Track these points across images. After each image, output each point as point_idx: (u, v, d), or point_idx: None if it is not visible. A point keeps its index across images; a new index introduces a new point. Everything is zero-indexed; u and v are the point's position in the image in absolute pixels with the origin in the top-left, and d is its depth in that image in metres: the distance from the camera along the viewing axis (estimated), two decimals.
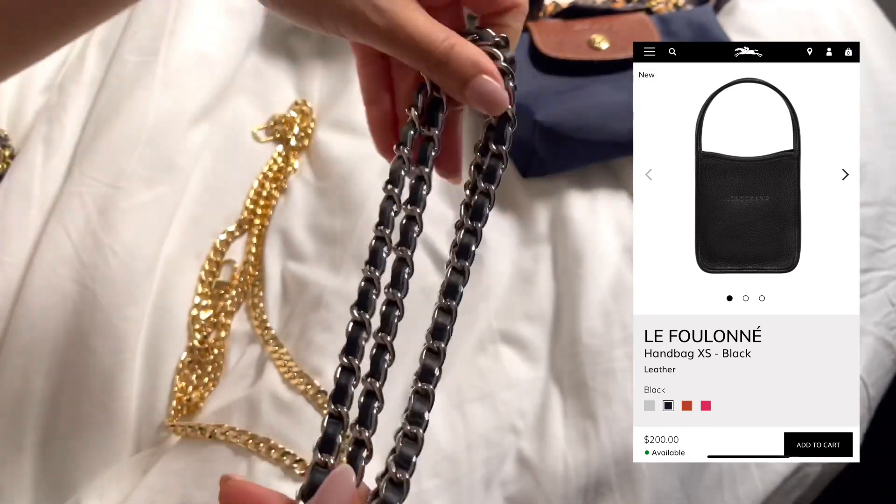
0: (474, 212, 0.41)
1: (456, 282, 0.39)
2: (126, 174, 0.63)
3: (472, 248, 0.40)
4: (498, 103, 0.38)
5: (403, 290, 0.39)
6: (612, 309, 0.63)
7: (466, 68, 0.38)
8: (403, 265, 0.39)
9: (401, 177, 0.41)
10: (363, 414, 0.37)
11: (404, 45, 0.38)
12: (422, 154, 0.41)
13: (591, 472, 0.58)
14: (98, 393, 0.55)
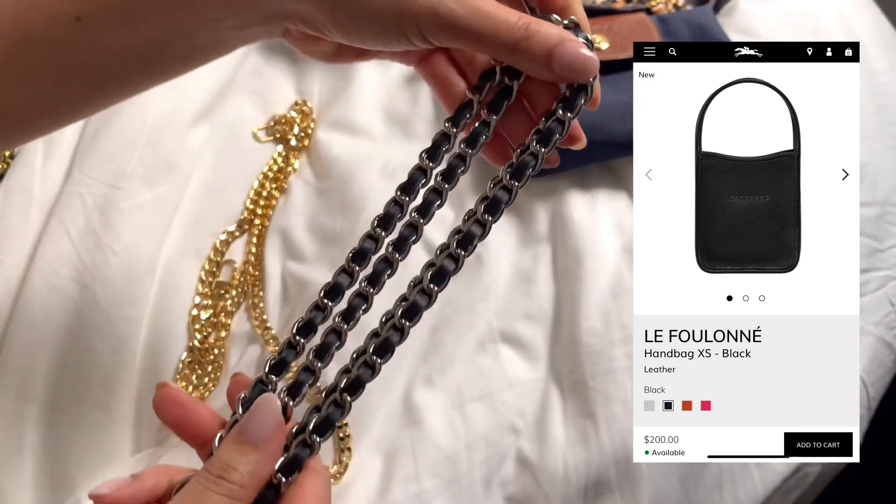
0: (491, 203, 0.40)
1: (448, 268, 0.39)
2: (126, 174, 0.63)
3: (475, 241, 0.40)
4: (587, 66, 0.38)
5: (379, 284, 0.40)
6: (611, 309, 0.63)
7: (550, 39, 0.38)
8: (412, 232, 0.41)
9: (440, 152, 0.41)
10: (322, 347, 0.38)
11: (483, 32, 0.37)
12: (473, 136, 0.41)
13: (591, 472, 0.58)
14: (98, 393, 0.55)
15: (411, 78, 0.76)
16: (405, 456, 0.57)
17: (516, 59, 0.39)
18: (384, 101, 0.75)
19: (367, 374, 0.37)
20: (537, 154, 0.39)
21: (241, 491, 0.34)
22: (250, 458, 0.34)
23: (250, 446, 0.35)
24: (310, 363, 0.38)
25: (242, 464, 0.34)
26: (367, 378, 0.37)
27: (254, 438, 0.35)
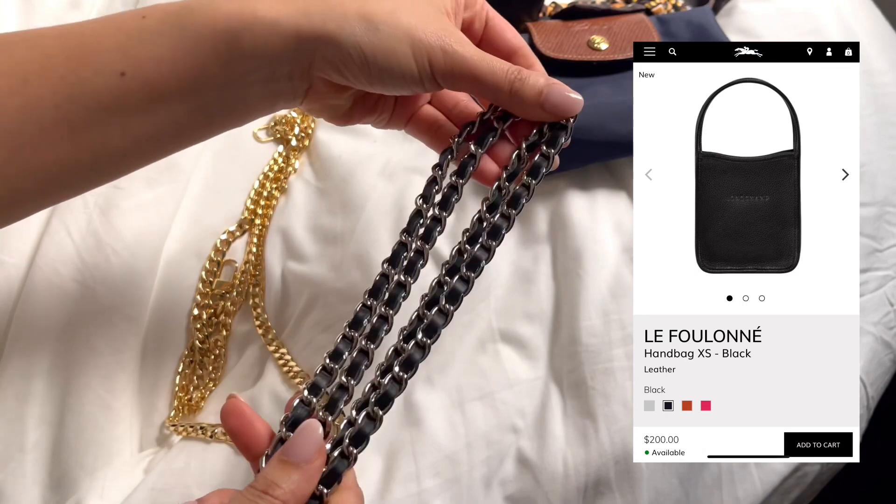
0: (493, 229, 0.45)
1: (460, 289, 0.44)
2: None
3: (482, 263, 0.45)
4: (572, 105, 0.45)
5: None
6: (611, 309, 0.63)
7: (539, 82, 0.44)
8: (419, 257, 0.45)
9: (432, 193, 0.47)
10: (353, 366, 0.42)
11: (484, 73, 0.43)
12: (462, 167, 0.47)
13: (591, 472, 0.58)
14: (99, 392, 0.55)
15: None
16: (405, 455, 0.57)
17: (510, 100, 0.44)
18: None
19: (394, 388, 0.41)
20: (529, 185, 0.45)
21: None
22: (293, 477, 0.38)
23: (293, 466, 0.38)
24: (343, 382, 0.42)
25: (285, 482, 0.38)
26: (395, 393, 0.41)
27: (297, 459, 0.38)
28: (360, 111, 0.49)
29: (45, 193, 0.43)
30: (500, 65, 0.44)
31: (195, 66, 0.41)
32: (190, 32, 0.41)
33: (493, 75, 0.43)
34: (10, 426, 0.54)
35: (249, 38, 0.40)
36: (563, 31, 0.75)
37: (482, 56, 0.43)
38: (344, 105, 0.48)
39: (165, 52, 0.40)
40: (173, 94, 0.41)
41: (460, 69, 0.43)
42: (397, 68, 0.42)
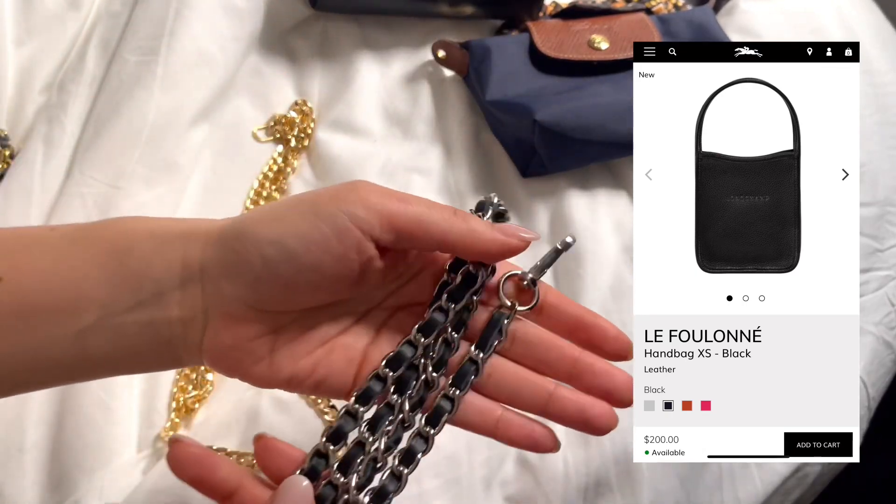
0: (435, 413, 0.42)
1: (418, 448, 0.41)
2: (126, 174, 0.63)
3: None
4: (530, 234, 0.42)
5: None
6: (611, 309, 0.63)
7: (488, 229, 0.40)
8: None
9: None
10: (372, 425, 0.40)
11: (428, 221, 0.38)
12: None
13: (591, 472, 0.58)
14: (98, 393, 0.55)
15: (411, 78, 0.76)
16: None
17: (463, 234, 0.39)
18: (384, 100, 0.75)
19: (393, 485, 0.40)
20: (453, 398, 0.42)
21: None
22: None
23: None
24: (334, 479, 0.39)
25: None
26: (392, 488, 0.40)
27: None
28: (285, 356, 0.38)
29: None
30: (439, 206, 0.39)
31: (75, 279, 0.35)
32: (80, 246, 0.36)
33: (440, 213, 0.38)
34: (8, 427, 0.54)
35: (137, 255, 0.36)
36: (563, 30, 0.75)
37: (420, 200, 0.38)
38: (256, 349, 0.37)
39: (49, 263, 0.35)
40: (48, 310, 0.35)
41: (401, 218, 0.37)
42: (301, 243, 0.35)
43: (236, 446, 0.56)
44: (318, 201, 0.36)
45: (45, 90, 0.70)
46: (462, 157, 0.72)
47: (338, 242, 0.35)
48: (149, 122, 0.65)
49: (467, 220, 0.39)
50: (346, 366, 0.40)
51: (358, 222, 0.35)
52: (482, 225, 0.39)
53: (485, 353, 0.41)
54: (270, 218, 0.36)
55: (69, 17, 0.73)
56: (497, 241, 0.39)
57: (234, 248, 0.35)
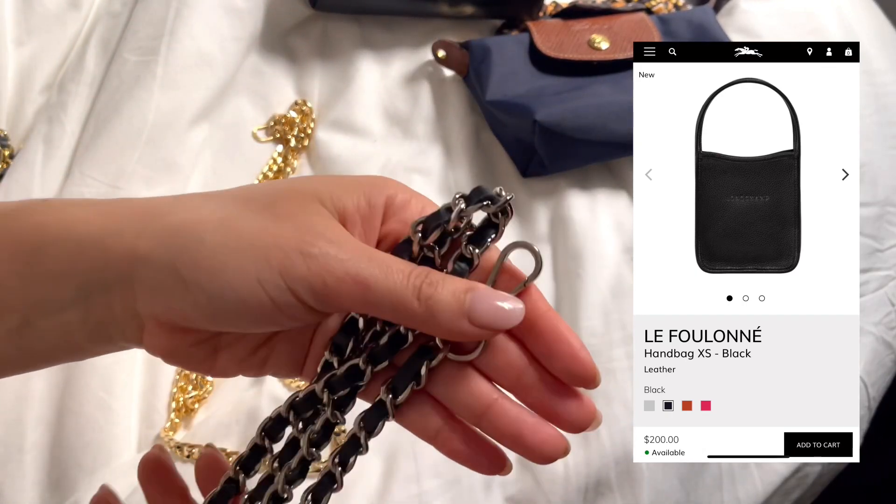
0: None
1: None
2: (126, 174, 0.63)
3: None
4: (507, 315, 0.32)
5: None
6: (611, 309, 0.63)
7: (458, 285, 0.32)
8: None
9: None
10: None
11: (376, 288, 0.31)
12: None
13: (591, 472, 0.58)
14: (98, 393, 0.55)
15: (411, 78, 0.76)
16: (406, 456, 0.57)
17: (420, 314, 0.31)
18: (384, 100, 0.75)
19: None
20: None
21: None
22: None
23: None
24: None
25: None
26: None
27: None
28: (228, 358, 0.35)
29: None
30: (398, 265, 0.31)
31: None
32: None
33: (389, 281, 0.31)
34: (8, 427, 0.54)
35: (52, 255, 0.32)
36: (563, 30, 0.75)
37: (370, 256, 0.31)
38: (196, 352, 0.35)
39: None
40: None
41: (336, 280, 0.30)
42: (232, 293, 0.30)
43: (236, 446, 0.56)
44: (266, 257, 0.31)
45: (45, 90, 0.70)
46: (462, 157, 0.72)
47: (277, 312, 0.31)
48: (149, 122, 0.65)
49: (430, 303, 0.31)
50: (293, 353, 0.36)
51: (302, 298, 0.31)
52: (447, 308, 0.31)
53: (395, 398, 0.34)
54: (207, 266, 0.31)
55: (69, 17, 0.73)
56: (460, 333, 0.32)
57: (164, 277, 0.31)
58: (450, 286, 0.31)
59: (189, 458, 0.55)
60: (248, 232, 0.31)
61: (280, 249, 0.31)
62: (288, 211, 0.32)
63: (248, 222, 0.32)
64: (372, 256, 0.31)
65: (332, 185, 0.34)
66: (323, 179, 0.35)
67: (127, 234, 0.32)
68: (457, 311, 0.31)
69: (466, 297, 0.31)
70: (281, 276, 0.30)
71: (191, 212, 0.33)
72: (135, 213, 0.33)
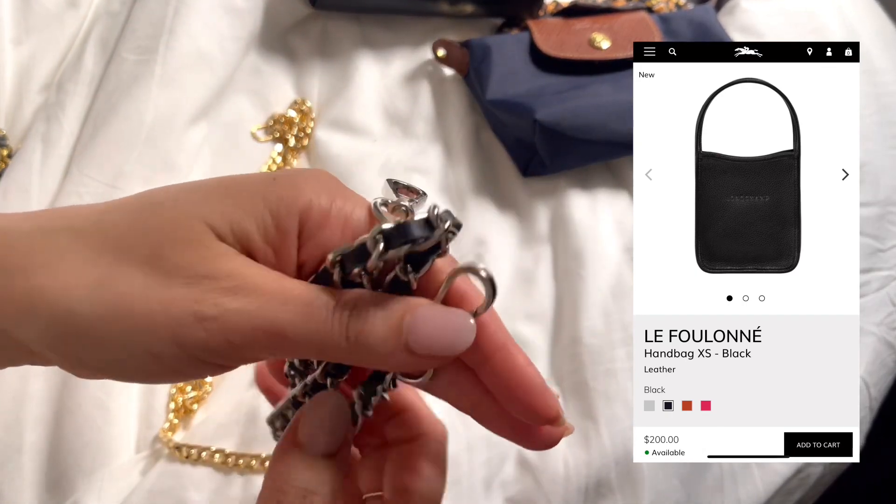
0: None
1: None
2: (125, 173, 0.63)
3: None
4: (459, 333, 0.28)
5: None
6: (612, 309, 0.63)
7: (394, 312, 0.27)
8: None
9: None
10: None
11: (293, 333, 0.27)
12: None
13: (592, 473, 0.58)
14: (96, 393, 0.55)
15: (411, 77, 0.76)
16: None
17: (351, 351, 0.27)
18: (384, 100, 0.75)
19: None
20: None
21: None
22: (324, 477, 0.29)
23: (321, 460, 0.29)
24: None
25: (321, 484, 0.28)
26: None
27: (321, 449, 0.29)
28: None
29: None
30: (320, 300, 0.27)
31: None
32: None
33: (310, 324, 0.27)
34: (7, 427, 0.54)
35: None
36: (564, 29, 0.75)
37: (283, 299, 0.27)
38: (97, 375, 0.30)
39: None
40: None
41: (243, 337, 0.26)
42: (121, 366, 0.27)
43: (235, 447, 0.56)
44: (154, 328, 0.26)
45: (44, 89, 0.70)
46: (462, 157, 0.72)
47: (180, 374, 0.27)
48: (147, 121, 0.65)
49: (360, 339, 0.27)
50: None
51: (207, 360, 0.27)
52: (381, 342, 0.27)
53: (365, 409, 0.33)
54: (89, 343, 0.26)
55: (68, 15, 0.73)
56: (399, 365, 0.28)
57: (52, 357, 0.27)
58: (382, 313, 0.27)
59: (188, 459, 0.55)
60: (129, 299, 0.26)
61: (170, 318, 0.26)
62: (176, 262, 0.27)
63: (127, 285, 0.26)
64: (286, 297, 0.27)
65: (226, 204, 0.28)
66: (215, 197, 0.29)
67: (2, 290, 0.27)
68: (392, 343, 0.27)
69: (404, 322, 0.27)
70: (176, 346, 0.26)
71: (53, 272, 0.27)
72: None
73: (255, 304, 0.26)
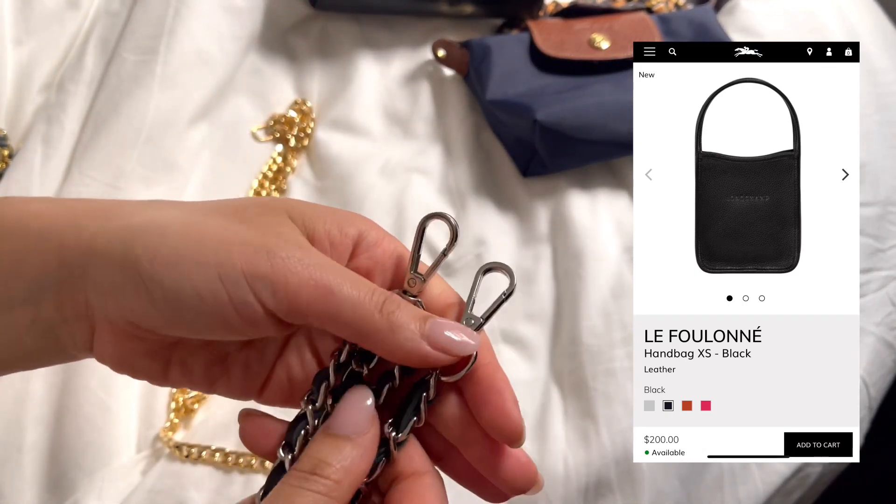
0: None
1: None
2: (125, 173, 0.63)
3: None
4: (461, 345, 0.32)
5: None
6: (612, 309, 0.63)
7: (417, 311, 0.32)
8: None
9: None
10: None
11: (343, 303, 0.31)
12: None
13: (592, 473, 0.58)
14: (97, 393, 0.55)
15: (411, 77, 0.76)
16: None
17: (383, 332, 0.31)
18: (384, 100, 0.75)
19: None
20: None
21: (336, 487, 0.30)
22: (345, 452, 0.31)
23: (343, 439, 0.31)
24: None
25: (336, 458, 0.31)
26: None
27: (346, 431, 0.32)
28: (179, 372, 0.34)
29: None
30: (362, 281, 0.32)
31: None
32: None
33: (355, 295, 0.31)
34: (8, 427, 0.54)
35: (6, 249, 0.31)
36: (563, 29, 0.75)
37: (337, 270, 0.31)
38: (148, 364, 0.34)
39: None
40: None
41: (299, 282, 0.30)
42: (190, 288, 0.30)
43: (236, 446, 0.56)
44: (229, 252, 0.30)
45: (44, 89, 0.70)
46: (462, 157, 0.72)
47: (235, 315, 0.30)
48: (148, 121, 0.65)
49: (392, 319, 0.31)
50: (247, 376, 0.35)
51: (263, 299, 0.30)
52: (408, 327, 0.31)
53: (399, 433, 0.34)
54: (167, 258, 0.30)
55: (68, 16, 0.73)
56: (418, 353, 0.32)
57: (120, 274, 0.30)
58: (408, 310, 0.32)
59: (188, 458, 0.55)
60: (213, 231, 0.31)
61: (245, 246, 0.30)
62: (256, 219, 0.32)
63: (214, 224, 0.31)
64: (336, 267, 0.31)
65: (304, 207, 0.34)
66: (296, 201, 0.34)
67: (85, 230, 0.31)
68: (416, 331, 0.31)
69: (427, 322, 0.32)
70: (243, 274, 0.30)
71: (154, 213, 0.32)
72: (96, 211, 0.32)
73: (313, 261, 0.31)
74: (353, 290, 0.31)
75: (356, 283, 0.31)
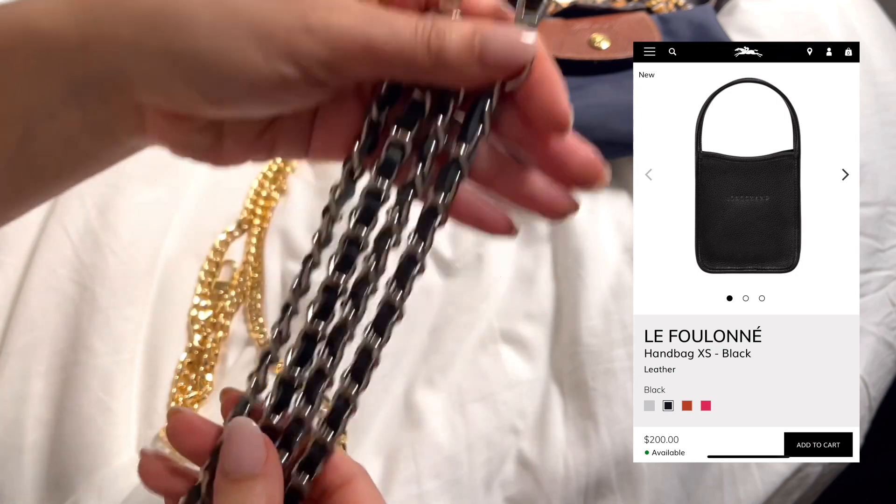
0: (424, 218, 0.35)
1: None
2: (125, 174, 0.63)
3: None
4: (522, 49, 0.31)
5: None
6: (612, 309, 0.63)
7: (465, 29, 0.31)
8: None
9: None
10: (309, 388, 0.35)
11: (384, 48, 0.30)
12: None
13: (592, 473, 0.58)
14: (97, 393, 0.55)
15: None
16: (405, 457, 0.57)
17: (432, 66, 0.31)
18: None
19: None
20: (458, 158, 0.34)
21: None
22: (256, 492, 0.30)
23: (249, 480, 0.30)
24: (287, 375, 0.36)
25: (251, 498, 0.30)
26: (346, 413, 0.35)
27: (248, 470, 0.31)
28: (234, 142, 0.34)
29: None
30: (404, 22, 0.30)
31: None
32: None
33: (398, 39, 0.30)
34: (8, 427, 0.54)
35: (24, 54, 0.31)
36: (563, 29, 0.75)
37: (374, 16, 0.30)
38: (201, 140, 0.34)
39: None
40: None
41: (343, 47, 0.30)
42: (233, 71, 0.30)
43: None
44: (271, 15, 0.30)
45: None
46: None
47: (279, 81, 0.30)
48: None
49: (440, 55, 0.30)
50: (301, 132, 0.36)
51: (310, 51, 0.30)
52: (458, 55, 0.30)
53: (466, 144, 0.33)
54: (204, 34, 0.30)
55: None
56: (472, 77, 0.31)
57: (158, 64, 0.30)
58: (457, 31, 0.30)
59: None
60: (243, 6, 0.30)
61: (280, 25, 0.29)
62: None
63: (242, 2, 0.30)
64: (374, 18, 0.30)
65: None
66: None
67: (104, 23, 0.30)
68: (466, 56, 0.30)
69: (476, 38, 0.30)
70: (287, 55, 0.30)
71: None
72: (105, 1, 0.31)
73: (350, 22, 0.30)
74: (396, 38, 0.30)
75: (396, 31, 0.30)
